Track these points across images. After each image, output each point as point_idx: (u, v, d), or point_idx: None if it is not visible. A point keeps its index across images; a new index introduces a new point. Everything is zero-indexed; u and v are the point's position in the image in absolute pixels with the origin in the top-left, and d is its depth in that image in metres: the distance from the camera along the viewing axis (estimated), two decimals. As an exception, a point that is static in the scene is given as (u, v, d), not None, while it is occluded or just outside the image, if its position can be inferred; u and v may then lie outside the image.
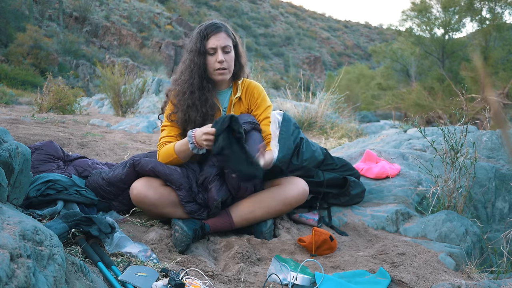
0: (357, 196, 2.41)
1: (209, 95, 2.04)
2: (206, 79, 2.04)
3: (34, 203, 1.79)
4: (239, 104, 2.16)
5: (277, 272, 1.60)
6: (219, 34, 2.01)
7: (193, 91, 2.02)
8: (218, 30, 2.01)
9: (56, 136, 3.45)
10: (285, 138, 2.05)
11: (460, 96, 2.84)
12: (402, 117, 19.26)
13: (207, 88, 2.04)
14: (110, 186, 2.02)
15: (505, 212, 2.62)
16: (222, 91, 2.17)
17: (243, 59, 2.16)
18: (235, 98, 2.13)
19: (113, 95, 8.85)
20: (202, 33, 2.02)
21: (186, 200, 1.90)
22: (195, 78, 2.02)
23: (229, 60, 2.04)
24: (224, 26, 2.07)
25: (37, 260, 0.95)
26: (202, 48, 2.00)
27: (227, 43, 2.02)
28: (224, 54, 2.02)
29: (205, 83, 2.04)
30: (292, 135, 2.10)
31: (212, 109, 2.05)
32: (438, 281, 1.56)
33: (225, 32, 2.04)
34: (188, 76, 2.03)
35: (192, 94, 2.02)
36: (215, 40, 2.00)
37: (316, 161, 2.29)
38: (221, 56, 2.00)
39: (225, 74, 2.05)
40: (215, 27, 2.02)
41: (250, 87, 2.17)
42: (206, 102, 2.03)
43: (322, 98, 6.78)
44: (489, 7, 19.19)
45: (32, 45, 22.49)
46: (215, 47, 2.00)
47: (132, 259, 1.53)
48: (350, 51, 65.05)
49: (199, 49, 2.00)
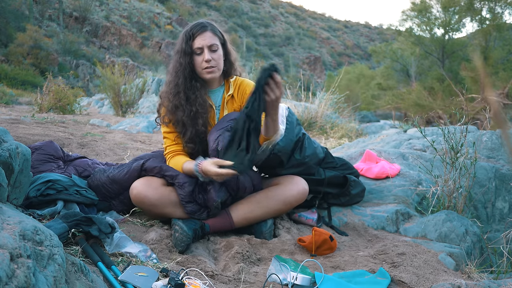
0: (357, 195, 2.41)
1: (198, 93, 2.05)
2: (195, 79, 2.05)
3: (34, 203, 1.79)
4: (232, 101, 2.16)
5: (277, 272, 1.60)
6: (204, 33, 2.01)
7: (179, 91, 2.03)
8: (204, 30, 2.02)
9: (56, 136, 3.46)
10: (288, 129, 2.07)
11: (460, 96, 2.84)
12: (402, 117, 19.26)
13: (195, 87, 2.05)
14: (113, 184, 2.03)
15: (505, 212, 2.62)
16: (214, 90, 2.17)
17: (233, 56, 2.16)
18: (228, 95, 2.14)
19: (113, 95, 8.85)
20: (187, 33, 2.03)
21: (187, 200, 1.90)
22: (180, 79, 2.03)
23: (217, 59, 2.04)
24: (210, 25, 2.07)
25: (37, 260, 0.95)
26: (188, 49, 2.01)
27: (213, 42, 2.02)
28: (211, 52, 2.02)
29: (193, 83, 2.05)
30: (295, 127, 2.12)
31: (203, 107, 2.05)
32: (438, 281, 1.56)
33: (211, 31, 2.04)
34: (173, 77, 2.05)
35: (177, 94, 2.03)
36: (201, 40, 2.00)
37: (317, 158, 2.30)
38: (208, 55, 2.00)
39: (214, 72, 2.05)
40: (200, 27, 2.02)
41: (243, 85, 2.16)
42: (195, 101, 2.04)
43: (322, 98, 6.78)
44: (489, 7, 19.18)
45: (32, 45, 22.50)
46: (201, 46, 2.00)
47: (132, 259, 1.53)
48: (350, 51, 65.05)
49: (185, 50, 2.01)
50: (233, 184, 1.96)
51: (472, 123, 3.13)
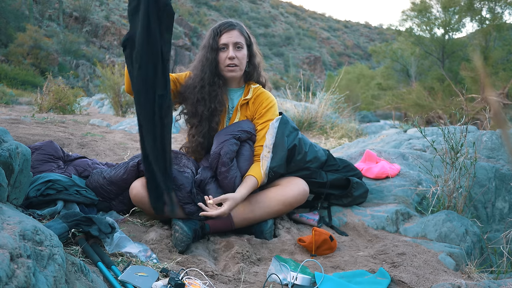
0: (360, 197, 2.41)
1: (219, 91, 2.08)
2: (218, 75, 2.09)
3: (34, 203, 1.79)
4: (246, 108, 2.16)
5: (277, 272, 1.60)
6: (232, 31, 2.06)
7: (204, 85, 2.06)
8: (231, 28, 2.07)
9: (56, 136, 3.45)
10: (278, 146, 2.07)
11: (460, 96, 2.84)
12: (402, 117, 19.26)
13: (217, 84, 2.08)
14: (111, 185, 2.02)
15: (505, 212, 2.62)
16: (233, 90, 2.19)
17: (257, 60, 2.18)
18: (243, 99, 2.15)
19: (113, 95, 8.85)
20: (215, 30, 2.08)
21: (185, 201, 1.90)
22: (206, 73, 2.06)
23: (240, 57, 2.07)
24: (239, 25, 2.12)
25: (37, 260, 0.95)
26: (215, 45, 2.06)
27: (239, 40, 2.06)
28: (235, 50, 2.06)
29: (216, 79, 2.08)
30: (288, 138, 2.11)
31: (221, 105, 2.09)
32: (438, 281, 1.56)
33: (239, 30, 2.08)
34: (199, 71, 2.08)
35: (202, 88, 2.06)
36: (227, 37, 2.05)
37: (319, 162, 2.30)
38: (232, 52, 2.04)
39: (235, 71, 2.08)
40: (228, 25, 2.08)
41: (262, 95, 2.17)
42: (215, 97, 2.07)
43: (322, 98, 6.78)
44: (489, 7, 19.17)
45: (32, 45, 22.48)
46: (227, 43, 2.05)
47: (132, 259, 1.53)
48: (350, 51, 65.05)
49: (212, 45, 2.06)
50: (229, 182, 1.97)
51: (472, 123, 3.13)
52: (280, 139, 2.08)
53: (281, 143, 2.08)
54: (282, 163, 2.07)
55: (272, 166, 2.05)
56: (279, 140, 2.08)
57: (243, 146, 2.06)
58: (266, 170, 2.03)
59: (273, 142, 2.07)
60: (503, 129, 0.69)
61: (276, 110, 2.19)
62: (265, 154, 2.05)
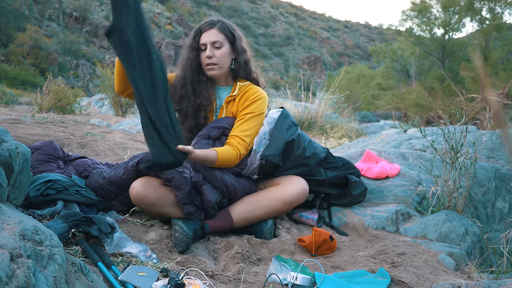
0: (359, 196, 2.40)
1: (204, 86, 2.11)
2: (201, 73, 2.12)
3: (34, 203, 1.79)
4: (232, 104, 2.16)
5: (277, 272, 1.60)
6: (210, 30, 2.08)
7: (185, 83, 2.11)
8: (211, 27, 2.08)
9: (56, 136, 3.45)
10: (276, 136, 2.07)
11: (460, 96, 2.84)
12: (402, 117, 19.25)
13: (202, 80, 2.11)
14: (111, 185, 2.02)
15: (505, 212, 2.62)
16: (221, 88, 2.19)
17: (245, 56, 2.14)
18: (230, 96, 2.15)
19: (113, 95, 8.85)
20: (196, 30, 2.12)
21: (184, 202, 1.90)
22: (187, 72, 2.11)
23: (219, 56, 2.07)
24: (220, 22, 2.11)
25: (37, 260, 0.95)
26: (195, 44, 2.10)
27: (217, 39, 2.06)
28: (214, 49, 2.07)
29: (200, 76, 2.11)
30: (288, 131, 2.12)
31: (207, 100, 2.11)
32: (438, 281, 1.56)
33: (218, 29, 2.08)
34: (181, 70, 2.13)
35: (184, 86, 2.11)
36: (206, 36, 2.07)
37: (318, 159, 2.29)
38: (209, 51, 2.06)
39: (214, 69, 2.09)
40: (208, 24, 2.10)
41: (250, 91, 2.14)
42: (200, 93, 2.10)
43: (322, 98, 6.78)
44: (489, 7, 19.17)
45: (32, 45, 22.47)
46: (205, 42, 2.07)
47: (132, 259, 1.53)
48: (350, 51, 65.06)
49: (192, 45, 2.10)
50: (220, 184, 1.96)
51: (472, 123, 3.13)
52: (279, 131, 2.08)
53: (279, 135, 2.07)
54: (277, 154, 2.06)
55: (267, 154, 2.03)
56: (277, 131, 2.08)
57: (216, 143, 2.06)
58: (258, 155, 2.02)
59: (270, 130, 2.07)
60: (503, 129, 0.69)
61: (263, 105, 2.12)
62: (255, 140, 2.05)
